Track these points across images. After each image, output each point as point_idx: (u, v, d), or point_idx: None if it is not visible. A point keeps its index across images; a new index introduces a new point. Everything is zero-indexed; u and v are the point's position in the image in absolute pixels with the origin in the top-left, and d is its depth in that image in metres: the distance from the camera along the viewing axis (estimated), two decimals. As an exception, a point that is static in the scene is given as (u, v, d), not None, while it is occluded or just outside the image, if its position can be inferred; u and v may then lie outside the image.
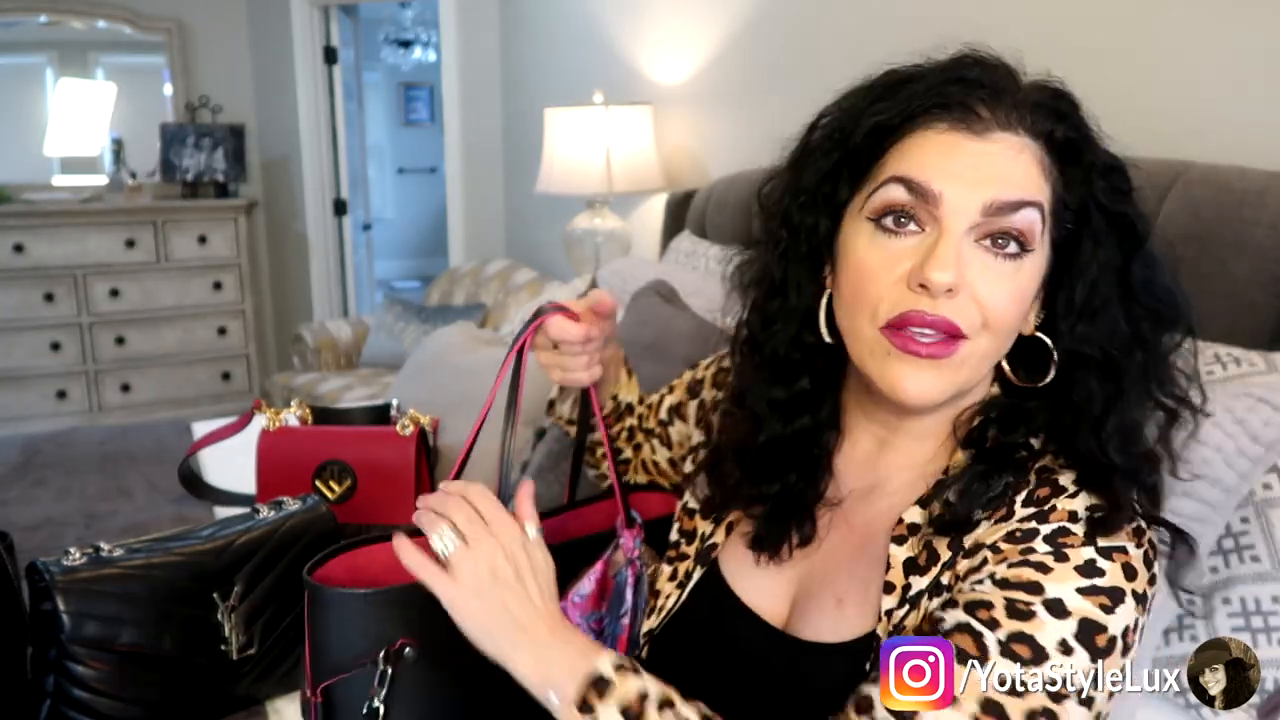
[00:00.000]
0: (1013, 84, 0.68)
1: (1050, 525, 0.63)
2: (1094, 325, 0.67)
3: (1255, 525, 1.09)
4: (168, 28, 4.32)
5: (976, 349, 0.65)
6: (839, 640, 0.70)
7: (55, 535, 1.70)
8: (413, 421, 1.79)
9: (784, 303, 0.75)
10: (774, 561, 0.76)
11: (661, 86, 2.85)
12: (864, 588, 0.71)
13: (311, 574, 0.76)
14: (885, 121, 0.68)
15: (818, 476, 0.77)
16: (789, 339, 0.75)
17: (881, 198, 0.67)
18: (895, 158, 0.67)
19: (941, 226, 0.64)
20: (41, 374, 4.06)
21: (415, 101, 7.70)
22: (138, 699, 1.12)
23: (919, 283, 0.63)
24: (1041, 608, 0.60)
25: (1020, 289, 0.65)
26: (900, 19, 1.94)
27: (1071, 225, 0.68)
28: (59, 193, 4.22)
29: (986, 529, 0.65)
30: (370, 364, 3.59)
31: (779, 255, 0.75)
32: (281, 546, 1.24)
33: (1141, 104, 1.58)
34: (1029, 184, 0.65)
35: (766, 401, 0.76)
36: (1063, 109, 0.68)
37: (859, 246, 0.68)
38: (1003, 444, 0.68)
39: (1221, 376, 1.20)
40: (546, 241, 3.58)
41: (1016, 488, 0.66)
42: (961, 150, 0.65)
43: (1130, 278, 0.67)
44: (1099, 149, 0.69)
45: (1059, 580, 0.61)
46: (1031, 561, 0.62)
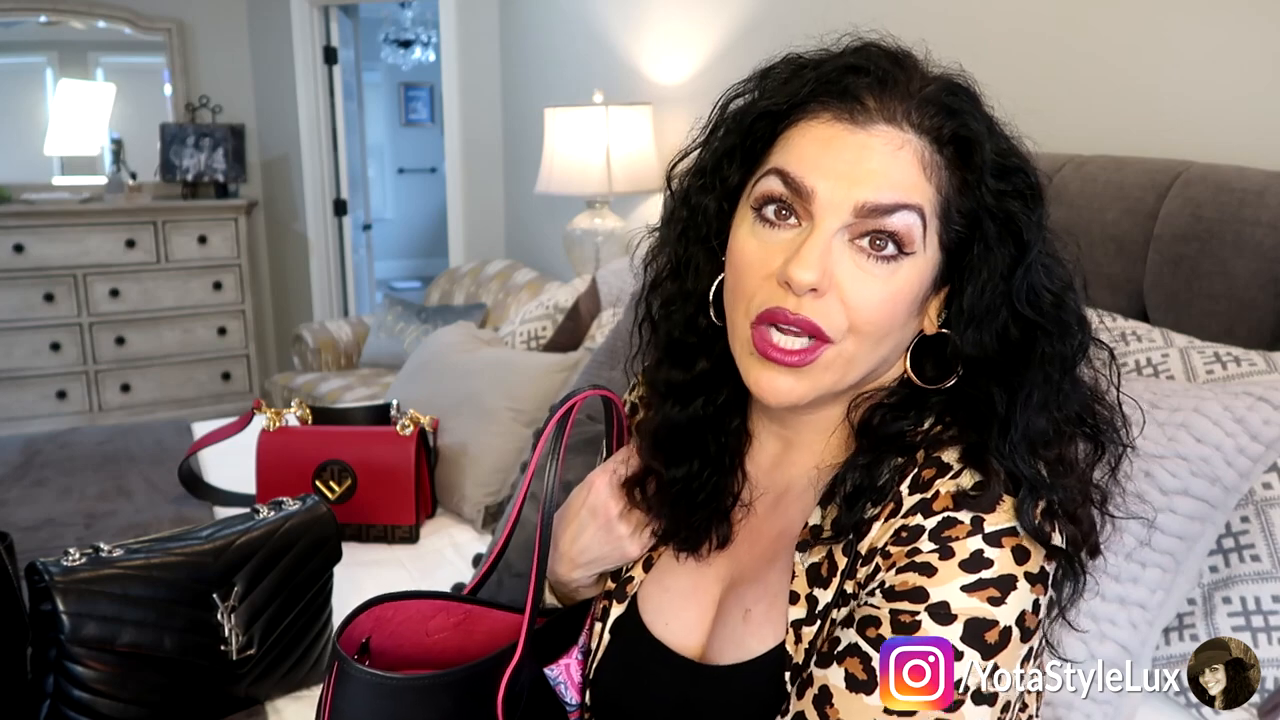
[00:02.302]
0: (907, 75, 0.65)
1: (935, 518, 0.61)
2: (982, 331, 0.64)
3: (1255, 524, 1.09)
4: (168, 28, 4.32)
5: (842, 353, 0.63)
6: (748, 658, 0.68)
7: (55, 535, 1.70)
8: (413, 421, 1.79)
9: (681, 284, 0.73)
10: (695, 558, 0.74)
11: (661, 86, 2.85)
12: (772, 597, 0.69)
13: (340, 635, 0.74)
14: (773, 107, 0.66)
15: (727, 474, 0.74)
16: (684, 321, 0.73)
17: (761, 188, 0.65)
18: (780, 147, 0.65)
19: (814, 223, 0.62)
20: (41, 374, 4.06)
21: (415, 101, 7.70)
22: (138, 699, 1.12)
23: (784, 280, 0.62)
24: (926, 616, 0.59)
25: (895, 293, 0.63)
26: (901, 19, 1.93)
27: (962, 229, 0.64)
28: (59, 193, 4.22)
29: (879, 529, 0.63)
30: (370, 364, 3.59)
31: (679, 235, 0.73)
32: (281, 547, 1.24)
33: (1141, 104, 1.58)
34: (907, 184, 0.62)
35: (664, 383, 0.74)
36: (956, 105, 0.64)
37: (741, 235, 0.66)
38: (889, 430, 0.66)
39: (1221, 375, 1.20)
40: (546, 241, 3.58)
41: (904, 471, 0.64)
42: (840, 144, 0.62)
43: (1013, 284, 0.64)
44: (998, 148, 0.64)
45: (943, 581, 0.59)
46: (917, 564, 0.60)
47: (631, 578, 0.78)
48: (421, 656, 0.78)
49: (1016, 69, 1.77)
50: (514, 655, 0.73)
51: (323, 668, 1.30)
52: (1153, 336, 1.30)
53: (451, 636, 0.79)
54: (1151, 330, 1.32)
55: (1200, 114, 1.48)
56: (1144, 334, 1.31)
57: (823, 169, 0.62)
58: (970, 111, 0.64)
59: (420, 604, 0.78)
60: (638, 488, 0.75)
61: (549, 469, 0.74)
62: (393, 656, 0.77)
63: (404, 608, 0.77)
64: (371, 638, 0.76)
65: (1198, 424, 1.05)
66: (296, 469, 1.75)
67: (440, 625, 0.78)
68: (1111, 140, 1.56)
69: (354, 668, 0.70)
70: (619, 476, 0.76)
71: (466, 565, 1.66)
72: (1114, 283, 1.43)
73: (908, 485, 0.64)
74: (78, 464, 2.09)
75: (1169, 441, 1.05)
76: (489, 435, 1.85)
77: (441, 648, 0.78)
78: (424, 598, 0.78)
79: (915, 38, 0.70)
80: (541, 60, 3.59)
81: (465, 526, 1.84)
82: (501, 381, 1.93)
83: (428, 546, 1.76)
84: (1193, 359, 1.23)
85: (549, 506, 0.73)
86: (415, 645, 0.78)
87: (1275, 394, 1.06)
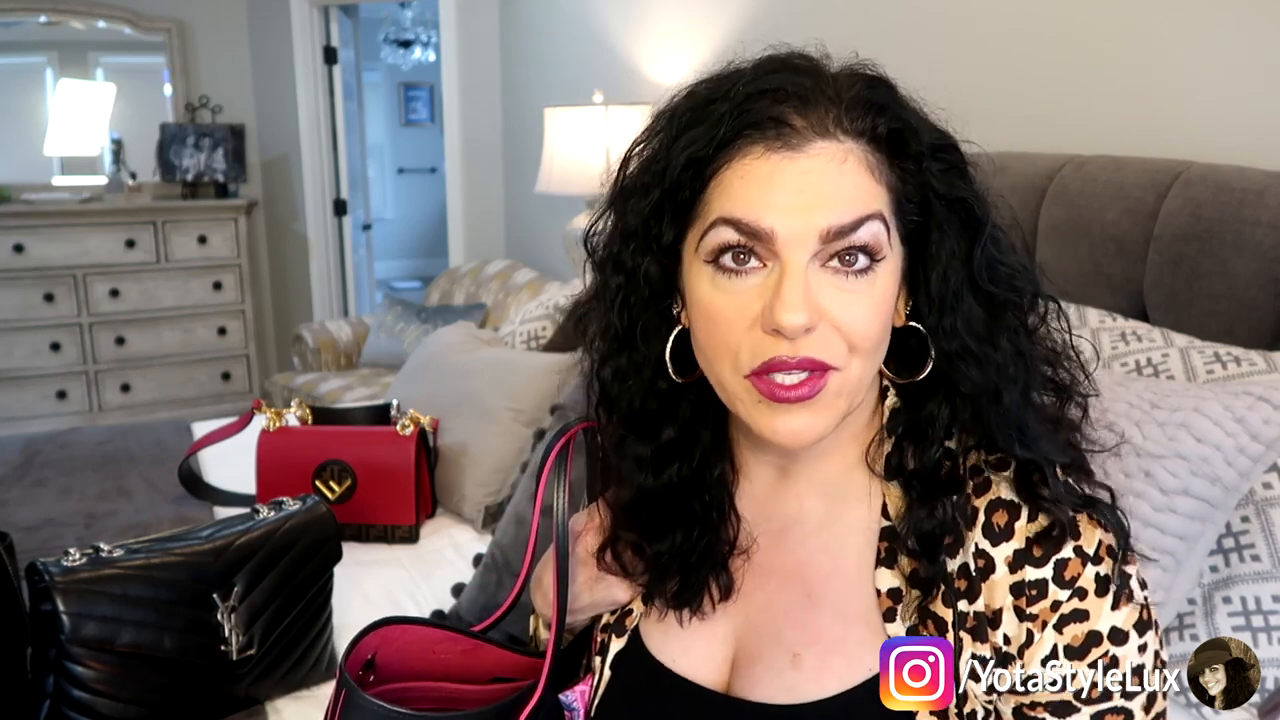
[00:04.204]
0: (821, 83, 0.62)
1: (1049, 566, 0.62)
2: (954, 316, 0.64)
3: (1256, 524, 1.09)
4: (167, 28, 4.32)
5: (850, 376, 0.62)
6: (804, 700, 0.66)
7: (55, 535, 1.70)
8: (413, 421, 1.79)
9: (634, 353, 0.69)
10: (698, 617, 0.71)
11: (661, 86, 2.84)
12: (828, 645, 0.66)
13: (347, 658, 0.73)
14: (697, 154, 0.62)
15: (717, 526, 0.71)
16: (643, 389, 0.69)
17: (713, 240, 0.61)
18: (717, 194, 0.62)
19: (782, 262, 0.59)
20: (41, 374, 4.05)
21: (415, 101, 7.70)
22: (138, 699, 1.12)
23: (772, 328, 0.59)
24: (1113, 647, 0.62)
25: (878, 301, 0.62)
26: (901, 19, 1.94)
27: (917, 217, 0.64)
28: (59, 193, 4.22)
29: (988, 590, 0.63)
30: (370, 364, 3.59)
31: (620, 304, 0.68)
32: (281, 547, 1.24)
33: (1141, 104, 1.58)
34: (862, 196, 0.60)
35: (633, 459, 0.70)
36: (879, 99, 0.63)
37: (702, 292, 0.63)
38: (923, 462, 0.66)
39: (1221, 375, 1.20)
40: (546, 241, 3.58)
41: (961, 506, 0.64)
42: (782, 175, 0.60)
43: (974, 264, 0.64)
44: (926, 131, 0.64)
45: (1099, 615, 0.62)
46: (1067, 615, 0.62)
47: (630, 610, 0.76)
48: (426, 672, 0.77)
49: (1016, 69, 1.77)
50: (533, 695, 0.72)
51: (322, 668, 1.30)
52: (1153, 336, 1.30)
53: (458, 657, 0.78)
54: (1151, 330, 1.32)
55: (1200, 114, 1.48)
56: (1144, 334, 1.31)
57: (774, 206, 0.59)
58: (894, 101, 0.63)
59: (429, 630, 0.77)
60: (609, 552, 0.73)
61: (558, 503, 0.72)
62: (398, 669, 0.76)
63: (411, 630, 0.76)
64: (377, 654, 0.75)
65: (1198, 424, 1.05)
66: (296, 469, 1.75)
67: (448, 650, 0.78)
68: (1111, 140, 1.56)
69: (361, 697, 0.69)
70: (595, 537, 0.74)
71: (466, 565, 1.66)
72: (1114, 283, 1.43)
73: (983, 531, 0.64)
74: (78, 464, 2.09)
75: (1169, 441, 1.05)
76: (489, 435, 1.85)
77: (446, 665, 0.77)
78: (434, 626, 0.77)
79: (917, 38, 0.70)
80: (541, 60, 3.59)
81: (465, 526, 1.84)
82: (501, 381, 1.93)
83: (428, 546, 1.76)
84: (1193, 359, 1.24)
85: (562, 546, 0.72)
86: (420, 660, 0.77)
87: (1275, 394, 1.06)
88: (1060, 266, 1.48)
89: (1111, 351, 1.31)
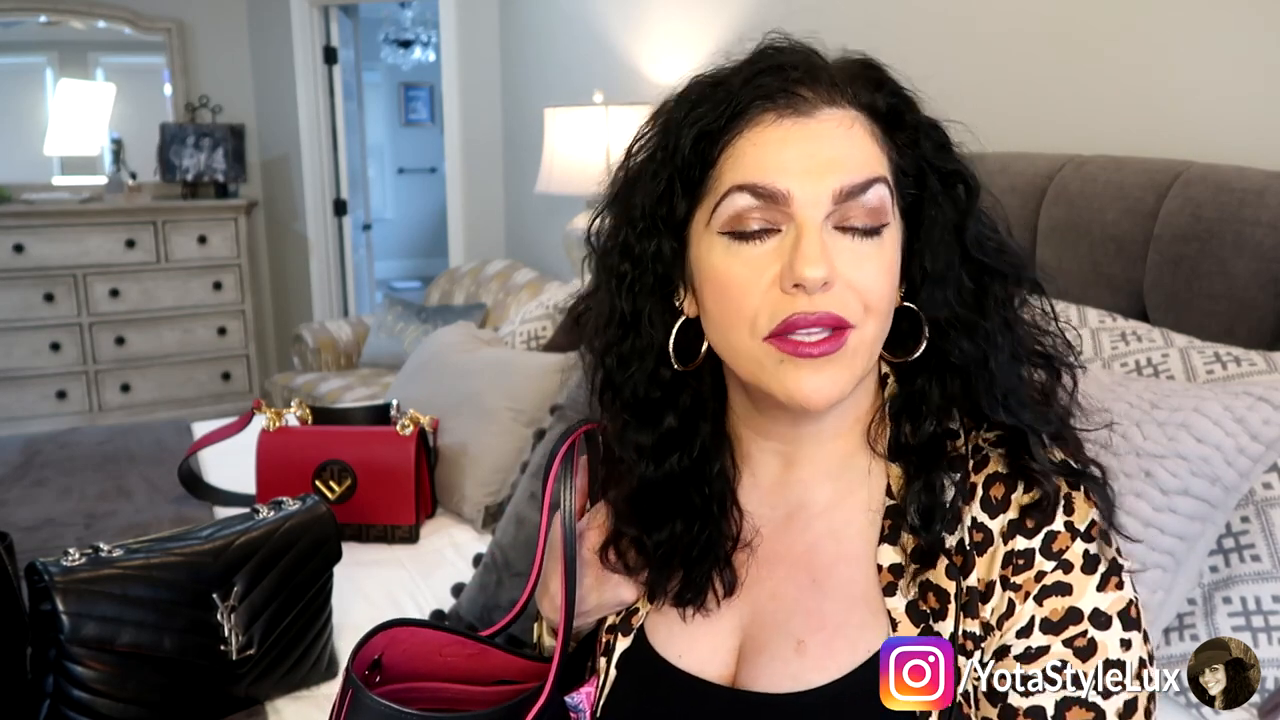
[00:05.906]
0: (822, 62, 0.66)
1: (1038, 537, 0.63)
2: (944, 288, 0.66)
3: (1256, 524, 1.09)
4: (167, 28, 4.32)
5: (865, 335, 0.64)
6: (808, 687, 0.66)
7: (55, 535, 1.70)
8: (413, 421, 1.79)
9: (638, 339, 0.71)
10: (702, 613, 0.72)
11: (661, 86, 2.84)
12: (832, 630, 0.67)
13: (354, 658, 0.73)
14: (709, 126, 0.65)
15: (718, 520, 0.72)
16: (647, 376, 0.71)
17: (728, 210, 0.64)
18: (730, 165, 0.64)
19: (798, 222, 0.62)
20: (41, 374, 4.05)
21: (415, 101, 7.70)
22: (137, 699, 1.12)
23: (793, 284, 0.61)
24: (1093, 629, 0.62)
25: (887, 263, 0.64)
26: (901, 19, 1.94)
27: (913, 190, 0.67)
28: (59, 193, 4.22)
29: (984, 563, 0.64)
30: (370, 364, 3.59)
31: (626, 290, 0.70)
32: (281, 547, 1.24)
33: (1141, 104, 1.58)
34: (870, 159, 0.64)
35: (634, 448, 0.72)
36: (877, 77, 0.66)
37: (716, 262, 0.65)
38: (920, 437, 0.68)
39: (1221, 375, 1.20)
40: (546, 241, 3.58)
41: (960, 484, 0.65)
42: (795, 138, 0.63)
43: (965, 236, 0.66)
44: (918, 110, 0.67)
45: (1083, 593, 0.62)
46: (1049, 587, 0.62)
47: (636, 609, 0.76)
48: (431, 673, 0.77)
49: (1016, 69, 1.77)
50: (540, 697, 0.72)
51: (322, 668, 1.30)
52: (1153, 336, 1.30)
53: (464, 660, 0.78)
54: (1151, 330, 1.32)
55: (1200, 114, 1.48)
56: (1144, 334, 1.31)
57: (789, 168, 0.62)
58: (890, 79, 0.67)
59: (437, 634, 0.77)
60: (612, 549, 0.74)
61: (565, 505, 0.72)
62: (404, 670, 0.76)
63: (420, 633, 0.76)
64: (384, 654, 0.75)
65: (1198, 424, 1.05)
66: (296, 469, 1.75)
67: (454, 653, 0.78)
68: (1111, 140, 1.56)
69: (368, 697, 0.69)
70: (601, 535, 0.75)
71: (466, 565, 1.66)
72: (1114, 283, 1.43)
73: (981, 505, 0.65)
74: (78, 464, 2.09)
75: (1169, 441, 1.05)
76: (489, 435, 1.85)
77: (451, 667, 0.78)
78: (442, 630, 0.77)
79: (917, 37, 0.70)
80: (541, 60, 3.59)
81: (465, 526, 1.84)
82: (501, 381, 1.93)
83: (428, 546, 1.76)
84: (1193, 359, 1.24)
85: (570, 548, 0.72)
86: (426, 662, 0.77)
87: (1275, 394, 1.06)
88: (1060, 267, 1.48)
89: (1111, 351, 1.31)
